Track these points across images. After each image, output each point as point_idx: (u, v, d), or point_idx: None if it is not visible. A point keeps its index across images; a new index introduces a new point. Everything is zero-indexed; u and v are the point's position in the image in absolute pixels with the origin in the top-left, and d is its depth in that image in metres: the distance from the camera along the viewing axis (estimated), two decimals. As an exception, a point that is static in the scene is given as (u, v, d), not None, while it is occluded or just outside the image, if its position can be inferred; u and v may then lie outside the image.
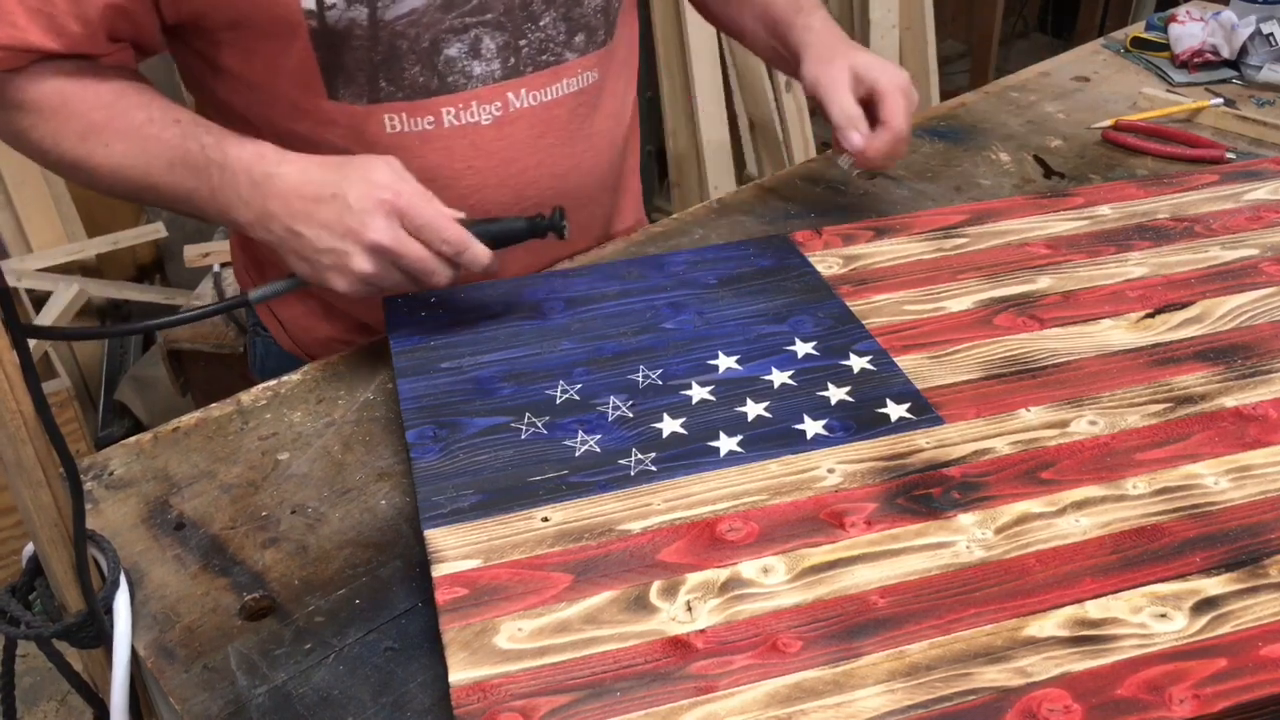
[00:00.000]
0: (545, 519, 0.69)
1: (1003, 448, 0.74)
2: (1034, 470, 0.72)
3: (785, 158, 2.49)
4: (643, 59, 1.15)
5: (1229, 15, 1.44)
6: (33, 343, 2.17)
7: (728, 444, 0.75)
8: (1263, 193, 1.06)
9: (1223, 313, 0.88)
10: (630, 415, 0.77)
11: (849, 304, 0.89)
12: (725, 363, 0.83)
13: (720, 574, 0.65)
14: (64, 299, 2.13)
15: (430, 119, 0.91)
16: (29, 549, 0.65)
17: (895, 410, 0.77)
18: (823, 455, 0.73)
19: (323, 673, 0.63)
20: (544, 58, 0.93)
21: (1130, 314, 0.88)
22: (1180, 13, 1.49)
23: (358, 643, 0.65)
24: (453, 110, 0.91)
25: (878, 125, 0.99)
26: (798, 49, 1.04)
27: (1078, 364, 0.82)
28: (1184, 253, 0.96)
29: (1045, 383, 0.80)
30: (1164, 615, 0.62)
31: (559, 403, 0.79)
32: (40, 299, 2.16)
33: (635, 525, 0.68)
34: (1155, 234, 0.99)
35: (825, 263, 0.95)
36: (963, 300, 0.90)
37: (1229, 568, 0.65)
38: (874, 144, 0.98)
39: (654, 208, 2.58)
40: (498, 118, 0.93)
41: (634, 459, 0.73)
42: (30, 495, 0.60)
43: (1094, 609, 0.62)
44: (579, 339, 0.86)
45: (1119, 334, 0.86)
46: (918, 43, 2.73)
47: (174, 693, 0.63)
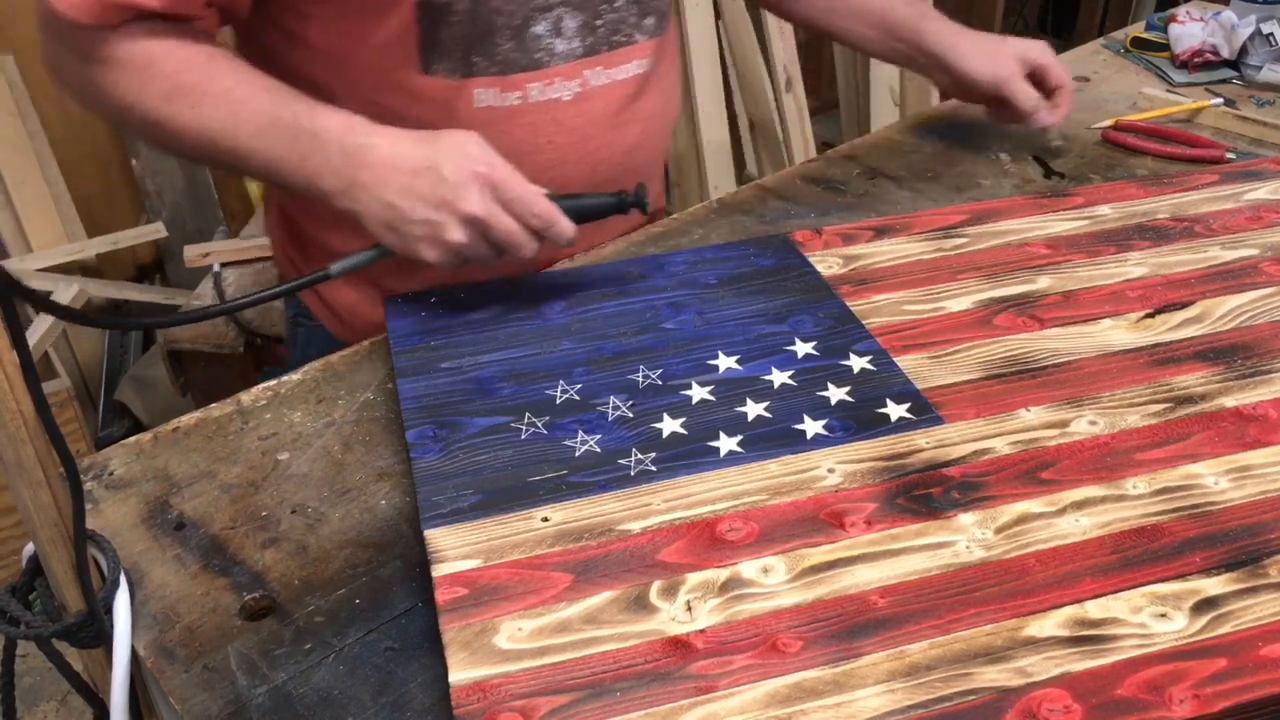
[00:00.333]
0: (545, 519, 0.69)
1: (1003, 448, 0.74)
2: (1034, 470, 0.72)
3: (785, 158, 2.49)
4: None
5: (1229, 15, 1.44)
6: (33, 343, 2.15)
7: (728, 444, 0.75)
8: (1263, 193, 1.06)
9: (1223, 313, 0.88)
10: (630, 415, 0.77)
11: (849, 304, 0.89)
12: (725, 363, 0.83)
13: (720, 574, 0.65)
14: (64, 299, 2.13)
15: (518, 95, 0.94)
16: (29, 549, 0.65)
17: (895, 410, 0.77)
18: (823, 455, 0.73)
19: (323, 673, 0.63)
20: (617, 38, 0.97)
21: (1130, 314, 0.88)
22: (1180, 13, 1.49)
23: (358, 643, 0.65)
24: (538, 86, 0.94)
25: (1052, 93, 1.16)
26: (941, 55, 1.17)
27: (1078, 364, 0.82)
28: (1184, 253, 0.96)
29: (1045, 383, 0.80)
30: (1164, 615, 0.62)
31: (559, 403, 0.79)
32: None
33: (635, 525, 0.68)
34: (1155, 234, 0.99)
35: (825, 263, 0.95)
36: (963, 300, 0.90)
37: (1229, 568, 0.65)
38: (1060, 111, 1.17)
39: (654, 207, 2.57)
40: (577, 94, 0.96)
41: (634, 459, 0.73)
42: (30, 495, 0.60)
43: (1094, 609, 0.62)
44: (579, 339, 0.86)
45: (1119, 334, 0.86)
46: (918, 43, 2.72)
47: (174, 693, 0.63)
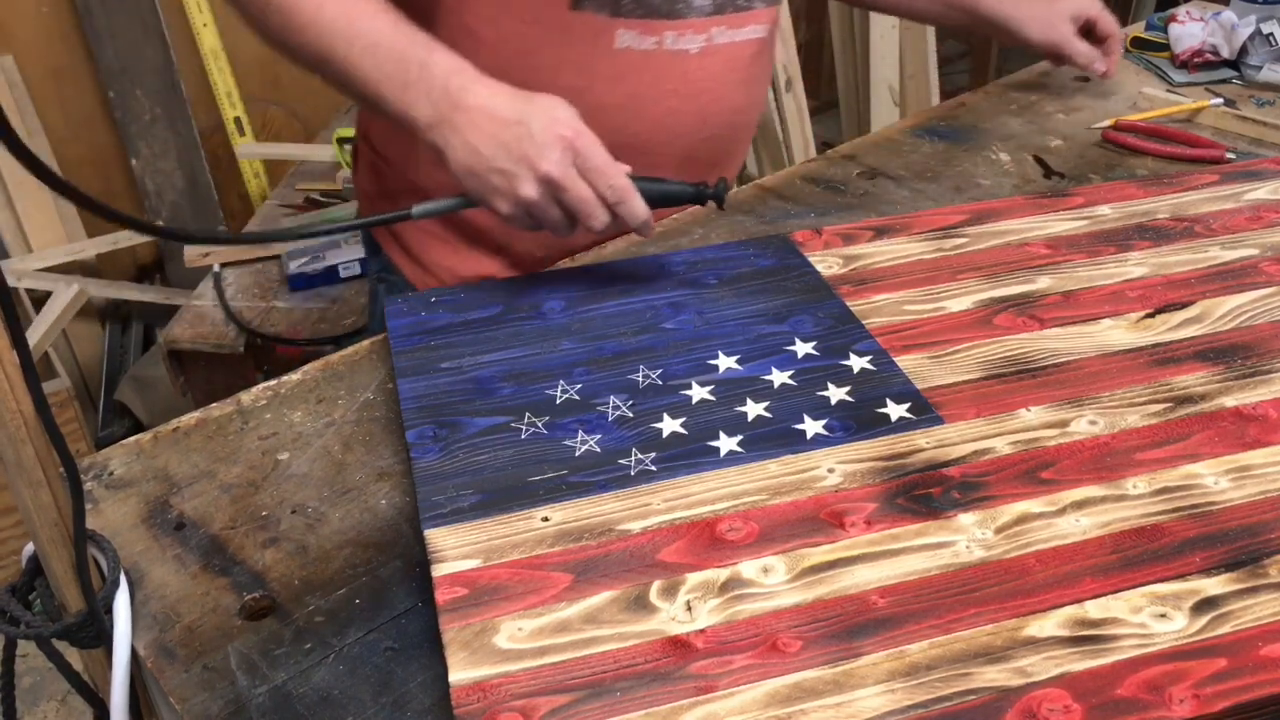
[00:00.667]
0: (545, 519, 0.69)
1: (1003, 448, 0.74)
2: (1034, 470, 0.72)
3: (785, 158, 2.49)
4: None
5: (1229, 15, 1.44)
6: (33, 342, 2.14)
7: (728, 444, 0.75)
8: (1263, 193, 1.06)
9: (1223, 313, 0.88)
10: (630, 415, 0.77)
11: (849, 304, 0.89)
12: (725, 363, 0.83)
13: (720, 574, 0.65)
14: (64, 299, 2.13)
15: (654, 40, 0.97)
16: (29, 549, 0.65)
17: (895, 410, 0.77)
18: (823, 455, 0.73)
19: (323, 673, 0.63)
20: (741, 0, 1.01)
21: (1130, 314, 0.88)
22: (1180, 13, 1.49)
23: (358, 643, 0.65)
24: (672, 35, 0.98)
25: (1102, 42, 1.29)
26: (1001, 22, 1.26)
27: (1078, 364, 0.82)
28: (1184, 253, 0.96)
29: (1045, 383, 0.80)
30: (1164, 615, 0.62)
31: (559, 403, 0.79)
32: (40, 299, 2.16)
33: (635, 525, 0.68)
34: (1155, 234, 0.99)
35: (825, 263, 0.95)
36: (963, 300, 0.90)
37: (1229, 568, 0.65)
38: (1112, 59, 1.30)
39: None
40: (703, 48, 1.00)
41: (634, 459, 0.73)
42: (30, 495, 0.60)
43: (1094, 609, 0.62)
44: (579, 339, 0.86)
45: (1119, 334, 0.86)
46: (918, 42, 2.73)
47: (174, 693, 0.63)
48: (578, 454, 0.74)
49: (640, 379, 0.81)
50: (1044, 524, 0.68)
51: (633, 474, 0.72)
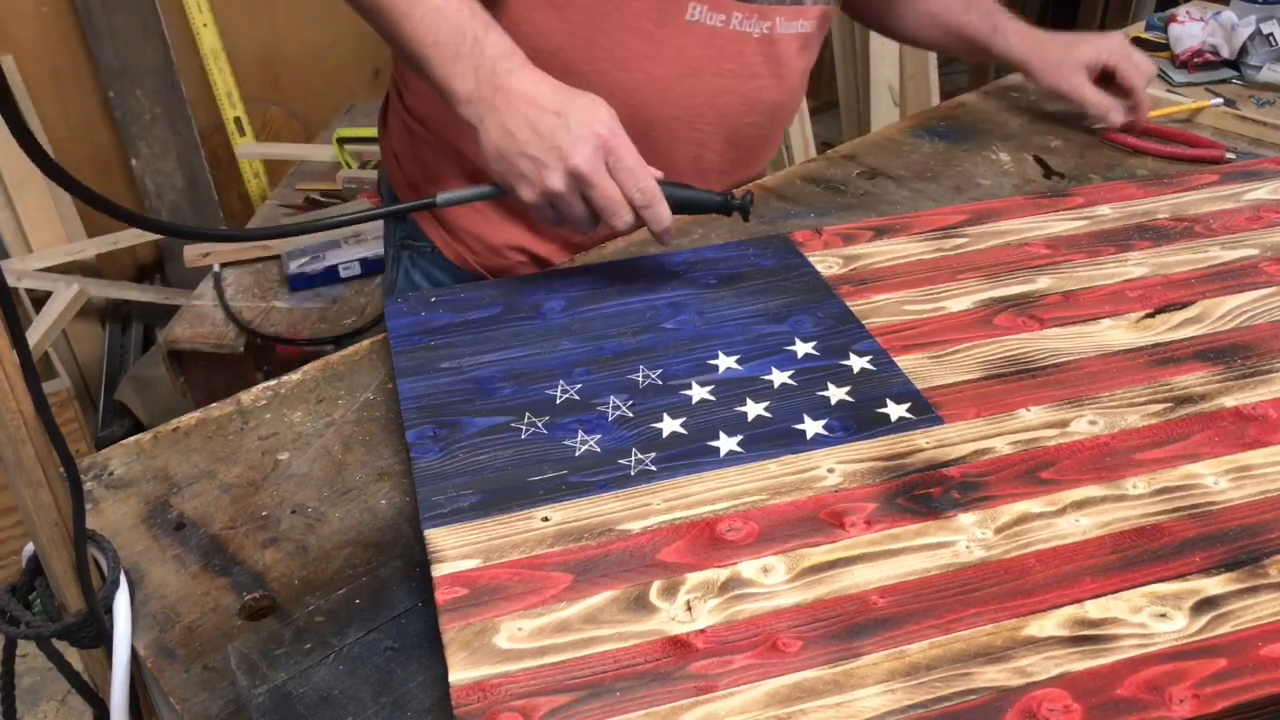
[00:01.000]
0: (545, 519, 0.69)
1: (1003, 448, 0.74)
2: (1034, 470, 0.72)
3: (785, 158, 2.50)
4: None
5: (1229, 15, 1.44)
6: (33, 342, 2.15)
7: (728, 444, 0.75)
8: (1263, 193, 1.06)
9: (1222, 313, 0.88)
10: (630, 415, 0.77)
11: (849, 304, 0.89)
12: (725, 363, 0.83)
13: (720, 574, 0.65)
14: (64, 299, 2.13)
15: (723, 18, 1.00)
16: (29, 549, 0.65)
17: (895, 410, 0.77)
18: (823, 455, 0.73)
19: (323, 673, 0.63)
20: None
21: (1130, 314, 0.88)
22: (1180, 13, 1.49)
23: (358, 643, 0.65)
24: (740, 16, 1.00)
25: (1124, 94, 1.22)
26: (1014, 64, 1.25)
27: (1078, 364, 0.82)
28: (1184, 253, 0.96)
29: (1045, 383, 0.80)
30: (1164, 615, 0.62)
31: (559, 403, 0.79)
32: (40, 299, 2.16)
33: (635, 525, 0.68)
34: (1155, 234, 0.99)
35: (825, 263, 0.95)
36: (963, 300, 0.90)
37: (1229, 568, 0.65)
38: (1138, 112, 1.22)
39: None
40: (764, 35, 1.03)
41: (634, 459, 0.73)
42: (30, 495, 0.60)
43: (1094, 609, 0.62)
44: (579, 339, 0.86)
45: (1119, 334, 0.86)
46: (918, 42, 2.72)
47: (174, 693, 0.63)
48: (578, 454, 0.74)
49: (640, 379, 0.81)
50: (1044, 524, 0.68)
51: (633, 474, 0.72)
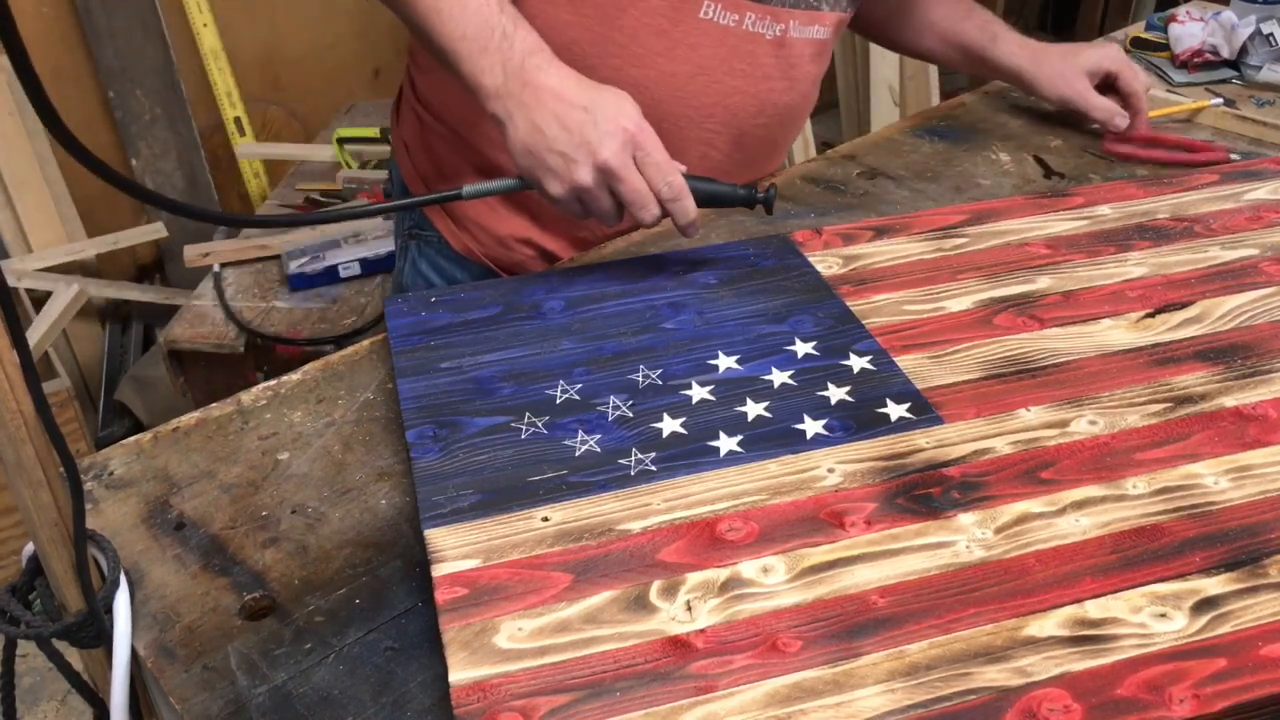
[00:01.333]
0: (545, 519, 0.69)
1: (1003, 448, 0.74)
2: (1034, 470, 0.72)
3: (786, 158, 2.49)
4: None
5: (1229, 15, 1.44)
6: (33, 342, 2.15)
7: (728, 444, 0.75)
8: (1263, 193, 1.06)
9: (1222, 313, 0.88)
10: (630, 415, 0.77)
11: (849, 304, 0.89)
12: (725, 363, 0.83)
13: (720, 574, 0.65)
14: (64, 299, 2.13)
15: (736, 17, 1.00)
16: (29, 549, 0.65)
17: (895, 410, 0.77)
18: (823, 455, 0.73)
19: (323, 673, 0.63)
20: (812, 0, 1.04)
21: (1130, 314, 0.88)
22: (1180, 13, 1.49)
23: (358, 643, 0.65)
24: (754, 17, 1.01)
25: (1124, 98, 1.22)
26: (1015, 75, 1.25)
27: (1078, 364, 0.82)
28: (1184, 253, 0.96)
29: (1045, 383, 0.80)
30: (1164, 615, 0.62)
31: (559, 403, 0.79)
32: (40, 299, 2.16)
33: (635, 525, 0.68)
34: (1155, 234, 0.99)
35: (825, 263, 0.95)
36: (963, 300, 0.90)
37: (1229, 568, 0.65)
38: (1138, 117, 1.22)
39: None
40: (777, 37, 1.03)
41: (634, 459, 0.73)
42: (30, 495, 0.60)
43: (1094, 609, 0.62)
44: (579, 339, 0.86)
45: (1119, 334, 0.86)
46: (918, 43, 2.72)
47: (174, 693, 0.63)
48: (578, 454, 0.74)
49: (640, 379, 0.81)
50: (1044, 524, 0.68)
51: (633, 474, 0.72)
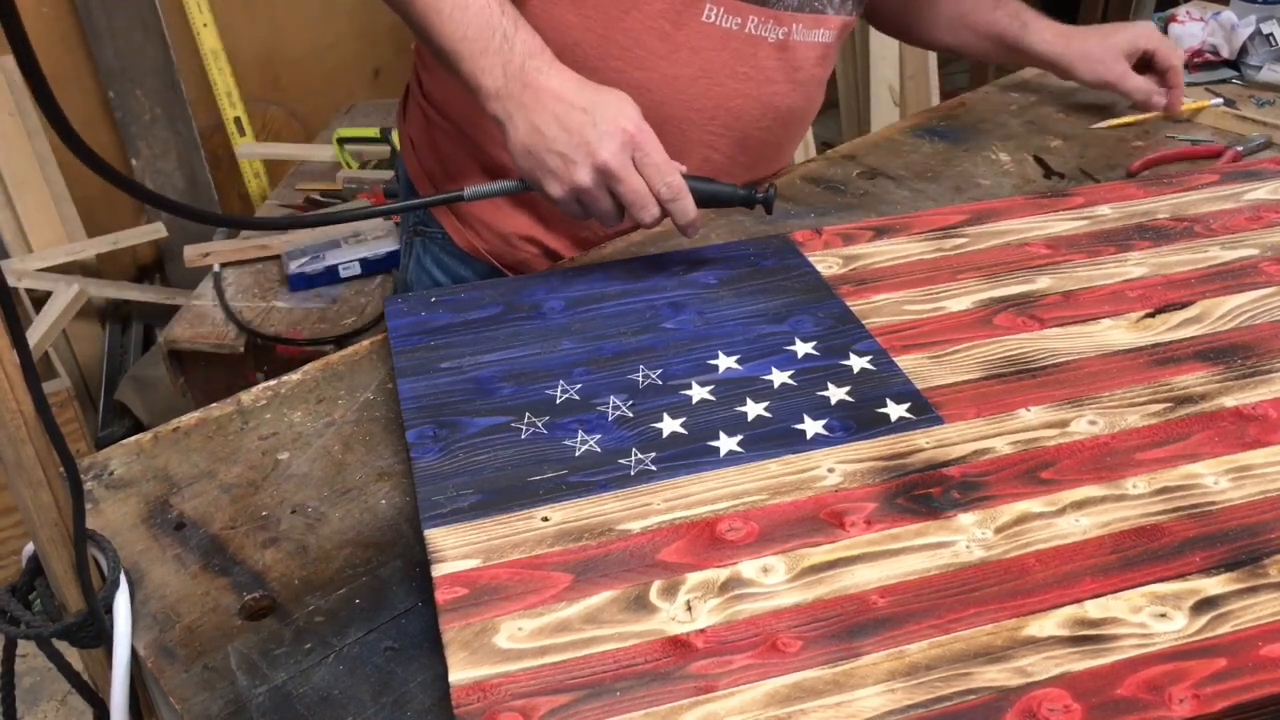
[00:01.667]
0: (545, 519, 0.69)
1: (1003, 447, 0.74)
2: (1034, 470, 0.72)
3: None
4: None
5: (1229, 15, 1.44)
6: (33, 342, 2.15)
7: (728, 444, 0.75)
8: (1263, 193, 1.06)
9: (1222, 313, 0.88)
10: (630, 415, 0.77)
11: (849, 304, 0.89)
12: (725, 363, 0.83)
13: (720, 574, 0.65)
14: (64, 299, 2.13)
15: (738, 20, 1.01)
16: (29, 549, 0.65)
17: (895, 410, 0.77)
18: (823, 455, 0.73)
19: (323, 672, 0.63)
20: (818, 3, 1.04)
21: (1130, 314, 0.88)
22: (1180, 13, 1.49)
23: (358, 643, 0.65)
24: (756, 21, 1.01)
25: (1162, 75, 1.25)
26: (1051, 61, 1.25)
27: (1078, 364, 0.82)
28: (1184, 253, 0.96)
29: (1045, 383, 0.80)
30: (1164, 615, 0.62)
31: (559, 403, 0.79)
32: (40, 299, 2.16)
33: (635, 525, 0.68)
34: (1155, 234, 0.99)
35: (825, 263, 0.95)
36: (963, 300, 0.90)
37: (1229, 567, 0.65)
38: (1174, 93, 1.24)
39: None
40: (780, 40, 1.04)
41: (634, 459, 0.73)
42: (30, 495, 0.60)
43: (1094, 609, 0.62)
44: (579, 339, 0.86)
45: (1119, 334, 0.86)
46: (918, 43, 2.72)
47: (174, 692, 0.63)
48: (578, 454, 0.74)
49: (640, 379, 0.81)
50: (1044, 524, 0.68)
51: (633, 474, 0.72)
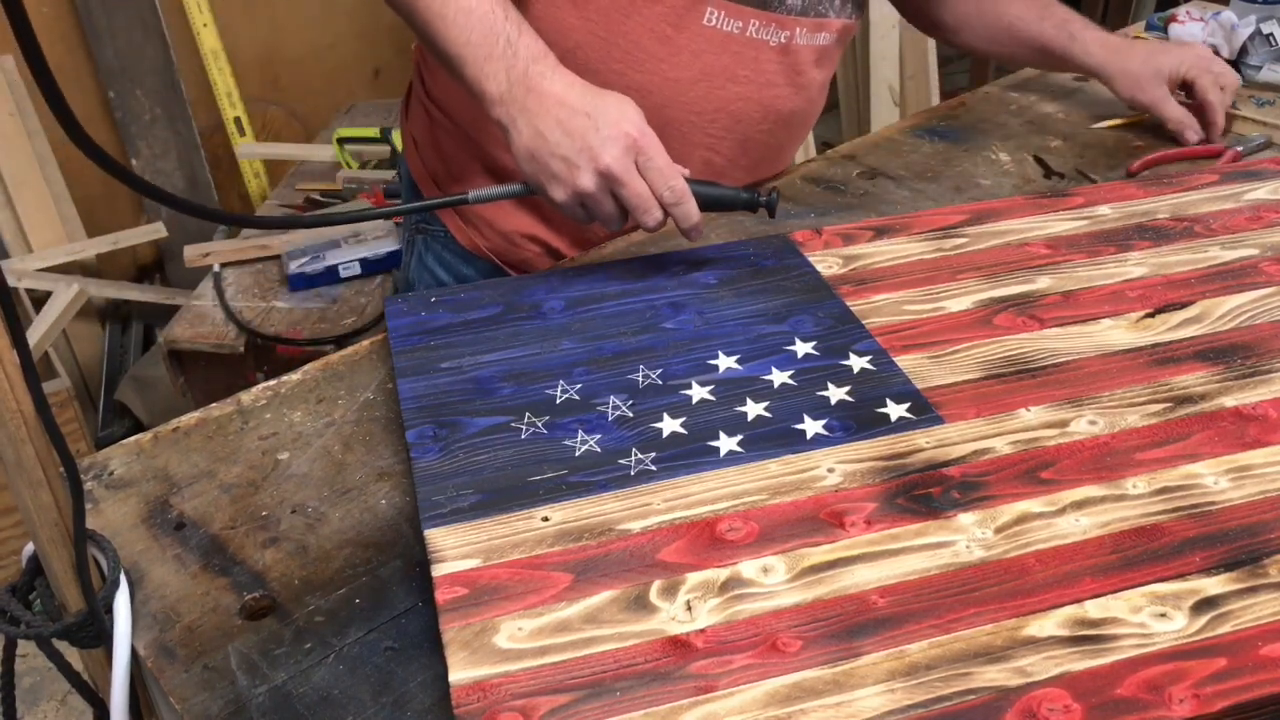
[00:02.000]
0: (545, 519, 0.69)
1: (1002, 447, 0.74)
2: (1034, 470, 0.72)
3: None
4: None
5: (1229, 15, 1.44)
6: (33, 342, 2.15)
7: (728, 444, 0.75)
8: (1262, 193, 1.06)
9: (1222, 313, 0.88)
10: (630, 415, 0.77)
11: (849, 304, 0.89)
12: (725, 362, 0.83)
13: (720, 574, 0.65)
14: (64, 299, 2.13)
15: (739, 24, 1.01)
16: (29, 549, 0.65)
17: (895, 410, 0.77)
18: (823, 455, 0.73)
19: (323, 672, 0.63)
20: (820, 6, 1.05)
21: (1130, 314, 0.88)
22: (1180, 13, 1.49)
23: (358, 642, 0.65)
24: (758, 24, 1.02)
25: (1197, 108, 1.21)
26: (1092, 73, 1.24)
27: (1077, 364, 0.82)
28: (1184, 253, 0.96)
29: (1045, 382, 0.80)
30: (1164, 615, 0.62)
31: (559, 402, 0.79)
32: (40, 299, 2.16)
33: (635, 525, 0.68)
34: (1155, 234, 0.99)
35: (825, 263, 0.95)
36: (962, 300, 0.90)
37: (1229, 567, 0.65)
38: (1213, 129, 1.21)
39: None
40: (782, 44, 1.04)
41: (634, 459, 0.73)
42: (30, 495, 0.60)
43: (1094, 609, 0.62)
44: (579, 339, 0.86)
45: (1119, 334, 0.86)
46: (918, 42, 2.73)
47: (174, 692, 0.63)
48: (578, 454, 0.74)
49: (640, 379, 0.81)
50: (1044, 524, 0.68)
51: (633, 474, 0.72)
